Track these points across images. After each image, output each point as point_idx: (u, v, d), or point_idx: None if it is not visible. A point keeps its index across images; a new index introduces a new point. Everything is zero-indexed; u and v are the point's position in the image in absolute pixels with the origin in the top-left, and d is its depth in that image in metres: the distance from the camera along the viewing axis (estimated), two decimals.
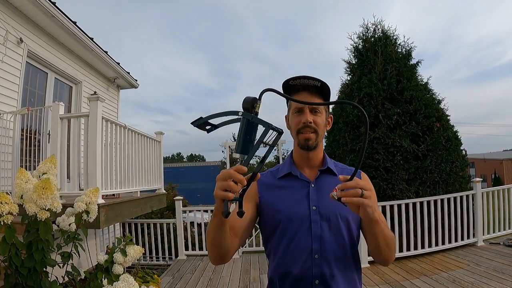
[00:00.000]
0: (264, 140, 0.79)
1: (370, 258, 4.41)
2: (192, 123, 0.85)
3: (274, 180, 1.10)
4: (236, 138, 0.81)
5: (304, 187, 1.05)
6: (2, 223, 1.89)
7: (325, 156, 1.11)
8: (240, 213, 0.80)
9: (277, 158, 11.50)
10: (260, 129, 0.81)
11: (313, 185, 1.05)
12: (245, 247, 5.91)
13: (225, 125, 0.84)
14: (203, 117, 0.83)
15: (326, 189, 1.02)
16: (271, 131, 0.79)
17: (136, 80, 7.24)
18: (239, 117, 0.80)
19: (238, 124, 0.83)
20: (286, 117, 1.12)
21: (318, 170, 1.08)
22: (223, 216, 0.77)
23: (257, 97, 0.80)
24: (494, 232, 5.27)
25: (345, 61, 6.08)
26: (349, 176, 0.79)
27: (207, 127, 0.85)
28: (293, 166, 1.10)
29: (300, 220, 1.00)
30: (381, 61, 5.43)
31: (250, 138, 0.79)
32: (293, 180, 1.08)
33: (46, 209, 2.00)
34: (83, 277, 2.84)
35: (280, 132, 0.80)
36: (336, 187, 0.80)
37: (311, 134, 1.02)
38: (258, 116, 0.80)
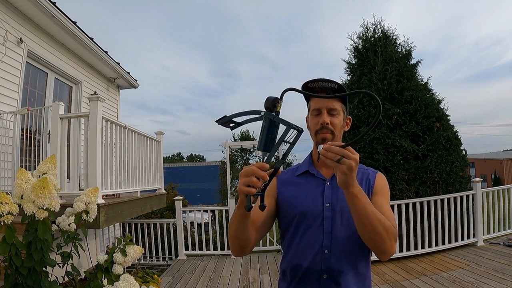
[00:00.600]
0: (285, 139, 0.83)
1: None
2: (216, 121, 0.90)
3: (293, 177, 1.17)
4: (258, 136, 0.84)
5: (320, 184, 1.10)
6: (2, 223, 1.89)
7: None
8: (262, 207, 0.83)
9: (277, 158, 11.48)
10: (281, 127, 0.84)
11: (328, 183, 1.09)
12: None
13: (247, 123, 0.87)
14: (227, 115, 0.88)
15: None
16: (292, 129, 0.83)
17: (136, 80, 7.24)
18: (262, 116, 0.83)
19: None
20: (306, 118, 1.16)
21: (333, 168, 1.10)
22: (246, 210, 0.83)
23: (279, 97, 0.83)
24: (494, 232, 5.27)
25: (345, 61, 6.08)
26: (343, 143, 0.82)
27: (231, 125, 0.90)
28: (311, 165, 1.16)
29: (314, 216, 1.05)
30: (381, 61, 5.43)
31: (272, 136, 0.82)
32: (310, 177, 1.13)
33: (44, 208, 2.00)
34: (83, 277, 2.84)
35: (300, 131, 0.83)
36: (325, 143, 0.83)
37: (328, 134, 1.06)
38: (280, 115, 0.83)
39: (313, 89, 1.07)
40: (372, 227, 0.89)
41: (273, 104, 0.82)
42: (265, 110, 0.83)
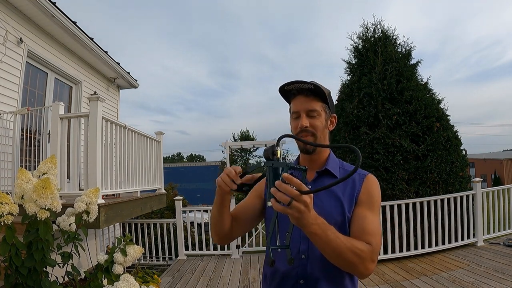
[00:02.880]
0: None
1: None
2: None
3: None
4: (267, 188, 0.84)
5: None
6: (2, 223, 1.89)
7: (329, 157, 1.11)
8: (247, 191, 0.98)
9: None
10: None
11: (309, 187, 1.05)
12: (245, 247, 5.91)
13: (258, 181, 0.94)
14: (237, 184, 0.95)
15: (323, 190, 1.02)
16: (295, 171, 0.81)
17: (136, 80, 7.24)
18: (263, 167, 0.84)
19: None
20: (290, 122, 1.14)
21: (315, 171, 1.08)
22: (268, 265, 0.94)
23: (276, 144, 0.85)
24: (494, 232, 5.28)
25: (345, 61, 6.08)
26: (292, 177, 0.74)
27: (244, 188, 0.98)
28: None
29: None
30: (381, 61, 5.43)
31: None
32: None
33: (46, 208, 2.00)
34: (83, 277, 2.84)
35: (304, 169, 0.81)
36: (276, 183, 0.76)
37: (309, 137, 1.03)
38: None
39: (290, 91, 1.06)
40: (340, 258, 0.86)
41: (271, 152, 0.83)
42: (265, 161, 0.84)
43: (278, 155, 0.83)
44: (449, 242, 4.86)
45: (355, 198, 1.02)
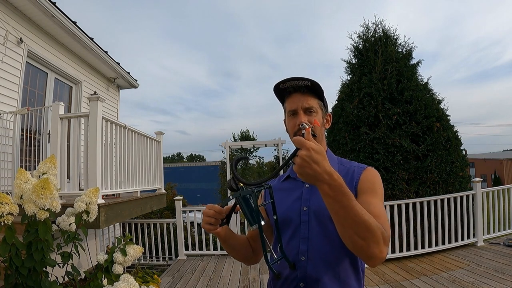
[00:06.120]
0: (263, 203, 0.92)
1: None
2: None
3: (278, 183, 1.13)
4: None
5: (299, 188, 1.05)
6: (2, 223, 1.89)
7: (327, 155, 1.08)
8: (227, 223, 0.98)
9: (277, 158, 11.51)
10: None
11: (307, 185, 1.03)
12: None
13: (233, 210, 0.97)
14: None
15: None
16: (262, 190, 0.89)
17: (136, 80, 7.24)
18: (233, 199, 0.90)
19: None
20: (284, 120, 1.11)
21: None
22: (276, 280, 1.00)
23: (232, 175, 0.89)
24: (494, 232, 5.27)
25: (345, 61, 6.08)
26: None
27: (223, 221, 1.01)
28: (292, 169, 1.11)
29: (291, 221, 1.00)
30: (381, 61, 5.42)
31: (251, 208, 0.86)
32: (291, 181, 1.09)
33: (45, 209, 2.00)
34: (83, 277, 2.84)
35: (268, 187, 0.91)
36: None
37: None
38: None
39: (286, 90, 1.01)
40: (355, 233, 0.76)
41: (234, 182, 0.87)
42: (233, 193, 0.87)
43: (241, 184, 0.87)
44: (449, 242, 4.86)
45: (355, 188, 0.96)
